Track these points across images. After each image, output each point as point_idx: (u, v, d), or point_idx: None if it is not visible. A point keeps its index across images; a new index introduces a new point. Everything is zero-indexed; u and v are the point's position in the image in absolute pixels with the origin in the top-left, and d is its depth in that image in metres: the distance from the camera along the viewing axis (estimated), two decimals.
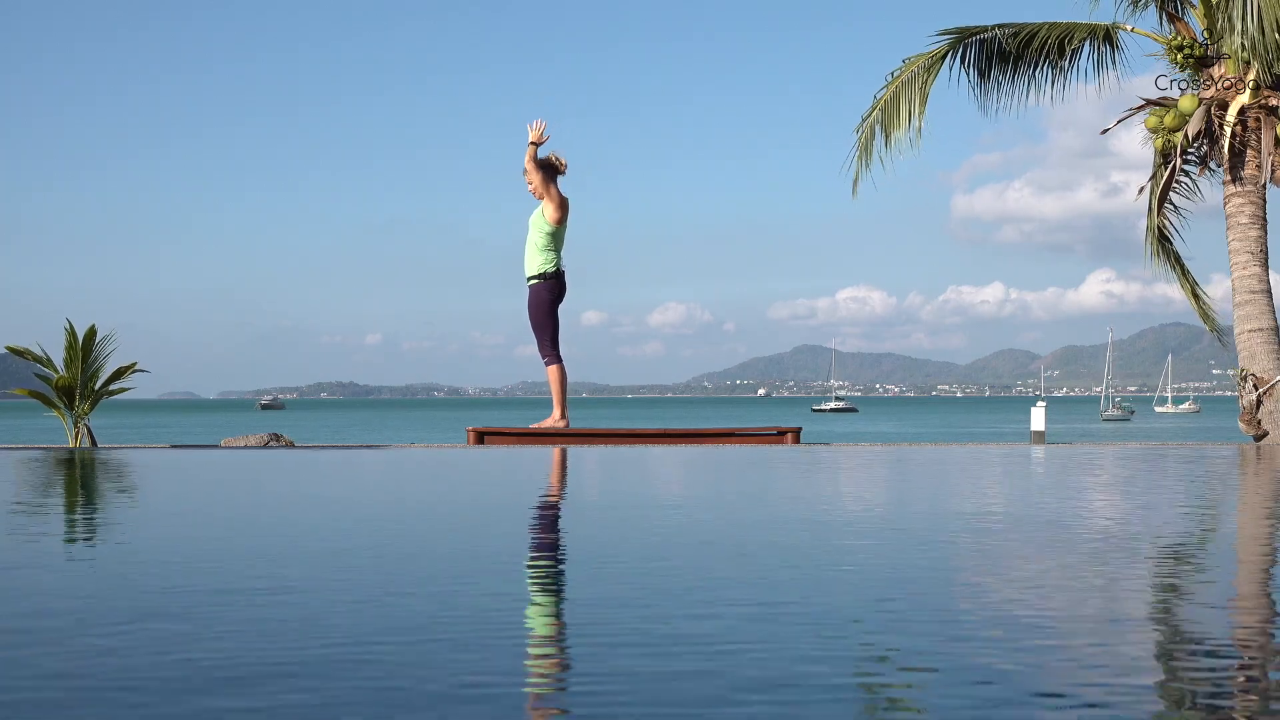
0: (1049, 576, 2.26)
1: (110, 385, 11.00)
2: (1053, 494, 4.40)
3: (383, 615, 1.80)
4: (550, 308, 9.04)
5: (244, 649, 1.56)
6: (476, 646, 1.59)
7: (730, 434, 9.36)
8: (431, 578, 2.23)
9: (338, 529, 3.12)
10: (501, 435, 8.98)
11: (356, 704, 1.28)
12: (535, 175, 8.88)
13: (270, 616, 1.77)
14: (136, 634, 1.66)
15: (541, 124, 8.86)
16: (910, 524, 3.29)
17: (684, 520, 3.33)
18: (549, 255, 8.99)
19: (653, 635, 1.66)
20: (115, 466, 5.72)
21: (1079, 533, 3.01)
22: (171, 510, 3.87)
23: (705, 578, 2.20)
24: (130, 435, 51.90)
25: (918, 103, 11.76)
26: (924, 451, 7.04)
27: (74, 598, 2.01)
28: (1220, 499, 4.36)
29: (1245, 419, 11.03)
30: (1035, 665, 1.49)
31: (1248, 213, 11.14)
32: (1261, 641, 1.69)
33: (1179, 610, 1.98)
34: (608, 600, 1.96)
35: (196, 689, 1.34)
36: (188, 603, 1.92)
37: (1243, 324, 11.18)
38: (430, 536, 2.97)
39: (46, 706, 1.28)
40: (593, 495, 4.56)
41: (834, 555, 2.54)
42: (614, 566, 2.39)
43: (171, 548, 2.70)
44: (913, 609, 1.90)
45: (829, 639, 1.64)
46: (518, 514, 3.67)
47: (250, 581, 2.15)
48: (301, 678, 1.40)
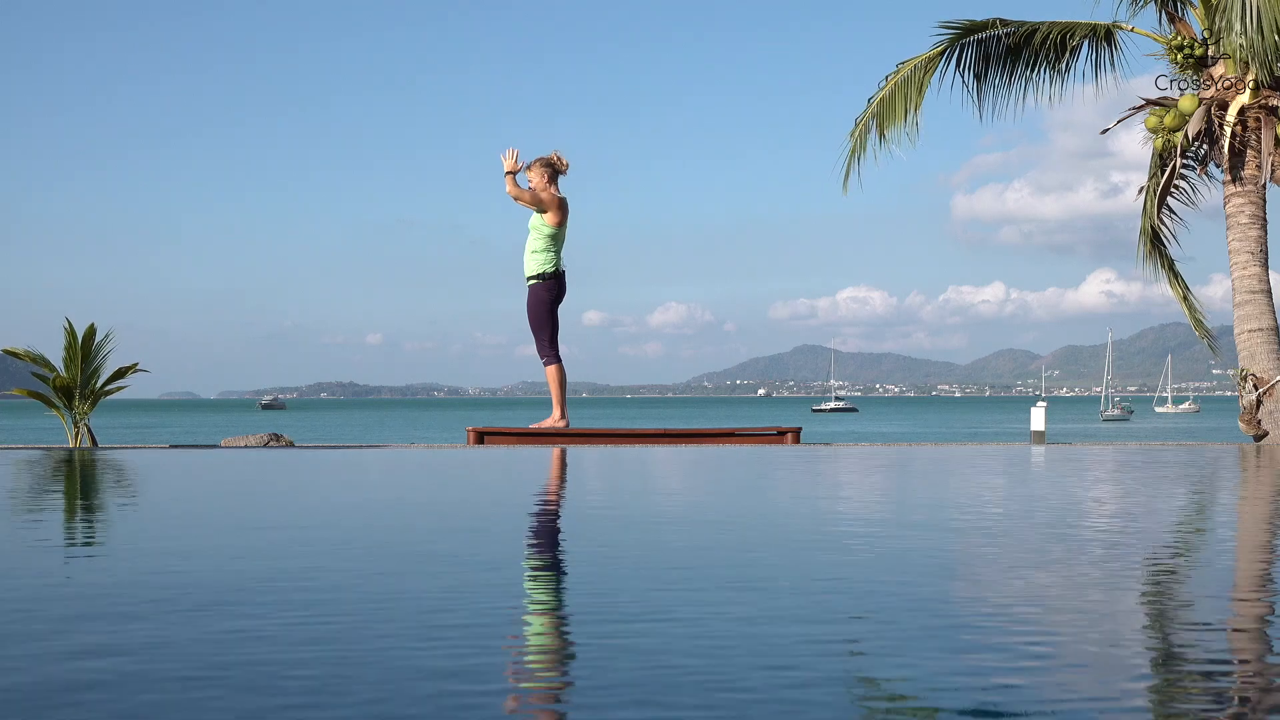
0: (1049, 575, 2.27)
1: (109, 385, 10.99)
2: (1053, 494, 4.40)
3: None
4: (550, 308, 9.05)
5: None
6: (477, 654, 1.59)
7: (730, 434, 9.37)
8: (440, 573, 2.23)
9: (367, 536, 3.12)
10: (501, 435, 8.99)
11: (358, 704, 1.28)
12: (524, 196, 8.93)
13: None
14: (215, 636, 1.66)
15: (514, 151, 8.95)
16: (914, 525, 3.29)
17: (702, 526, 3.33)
18: (548, 256, 9.00)
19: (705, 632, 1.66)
20: (119, 467, 5.72)
21: (1081, 533, 3.01)
22: (192, 512, 3.87)
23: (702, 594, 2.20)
24: (130, 435, 51.91)
25: (914, 99, 11.76)
26: (925, 452, 7.04)
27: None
28: (1221, 499, 4.36)
29: (1245, 419, 11.03)
30: (1037, 667, 1.49)
31: (1248, 213, 11.13)
32: (1261, 638, 1.69)
33: (1179, 611, 1.98)
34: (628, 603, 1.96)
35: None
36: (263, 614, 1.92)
37: (1243, 324, 11.18)
38: (433, 537, 2.97)
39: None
40: (597, 497, 4.56)
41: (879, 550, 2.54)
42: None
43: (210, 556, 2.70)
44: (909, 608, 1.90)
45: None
46: (528, 518, 3.67)
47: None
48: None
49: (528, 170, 9.10)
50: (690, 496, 4.41)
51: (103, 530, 3.15)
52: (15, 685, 1.37)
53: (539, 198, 8.94)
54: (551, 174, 9.08)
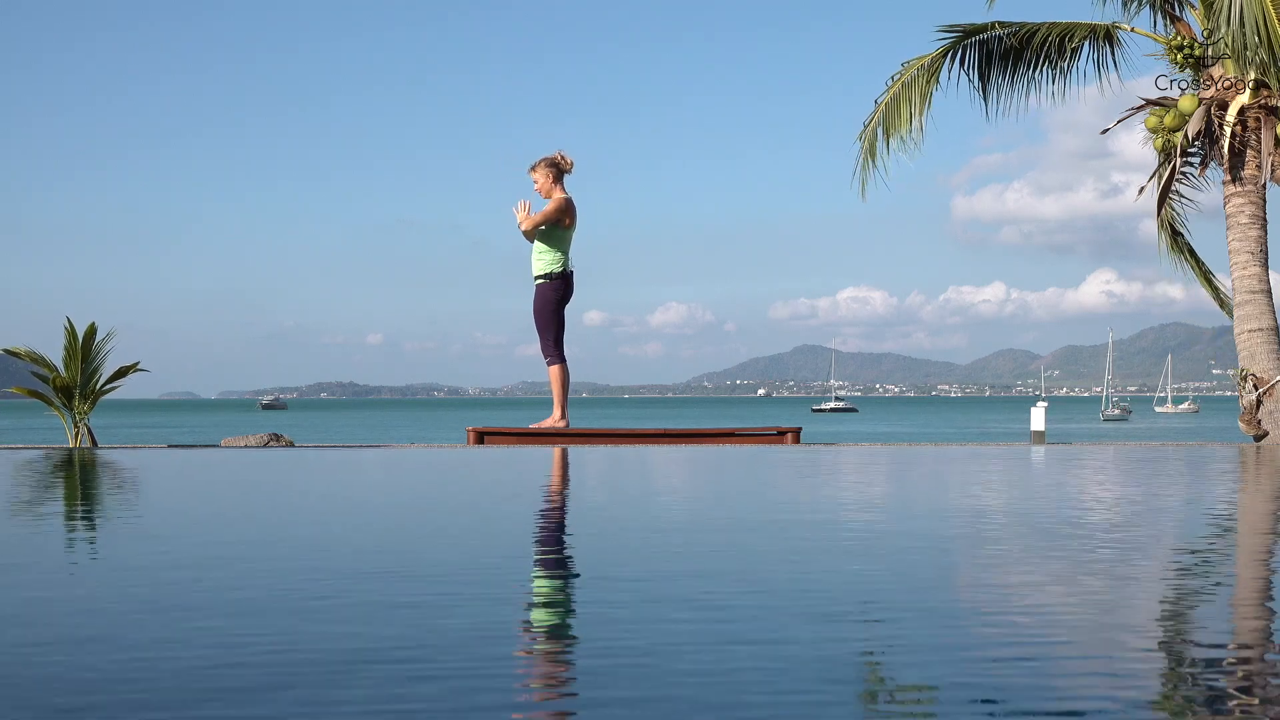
0: (1050, 576, 2.27)
1: (109, 384, 10.97)
2: (1055, 494, 4.40)
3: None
4: (555, 308, 9.03)
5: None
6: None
7: (730, 434, 9.37)
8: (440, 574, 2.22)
9: (374, 540, 3.12)
10: (501, 435, 8.98)
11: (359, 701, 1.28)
12: (539, 224, 8.90)
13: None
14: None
15: (526, 204, 8.94)
16: (916, 525, 3.29)
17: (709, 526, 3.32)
18: (555, 255, 8.98)
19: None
20: (123, 467, 5.72)
21: (1082, 532, 3.01)
22: (210, 515, 3.87)
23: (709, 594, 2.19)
24: (130, 435, 51.88)
25: (918, 103, 11.76)
26: (926, 452, 7.04)
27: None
28: (1221, 499, 4.36)
29: (1245, 419, 11.03)
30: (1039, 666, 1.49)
31: (1248, 213, 11.13)
32: (1261, 641, 1.69)
33: (1178, 611, 1.98)
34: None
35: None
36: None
37: (1243, 324, 11.18)
38: (435, 537, 2.97)
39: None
40: (604, 499, 4.56)
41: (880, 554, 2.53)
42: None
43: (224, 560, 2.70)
44: (910, 607, 1.90)
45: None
46: (532, 524, 3.67)
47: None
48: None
49: (532, 172, 9.08)
50: (691, 496, 4.41)
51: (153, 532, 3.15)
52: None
53: (548, 216, 8.89)
54: (557, 174, 9.07)
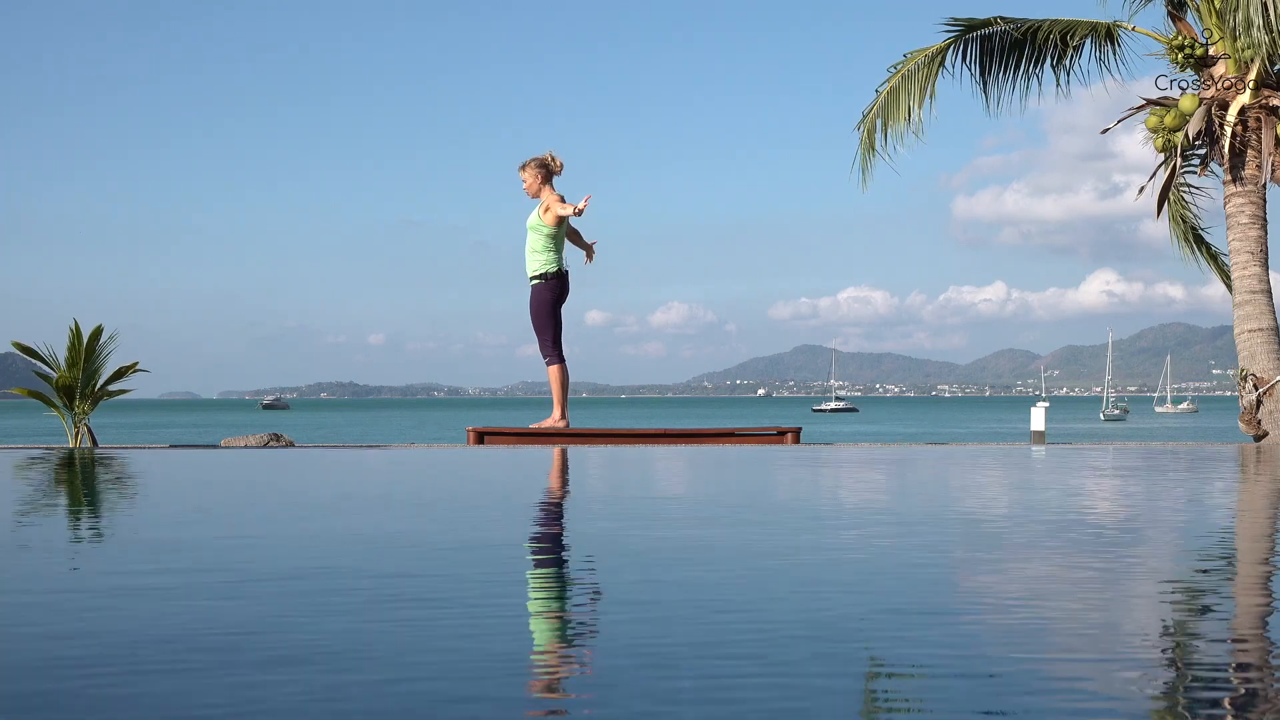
0: (1050, 576, 2.27)
1: (110, 385, 10.98)
2: (1055, 494, 4.40)
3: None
4: (551, 308, 9.03)
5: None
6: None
7: (730, 434, 9.37)
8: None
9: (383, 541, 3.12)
10: (502, 435, 8.98)
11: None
12: (560, 209, 8.83)
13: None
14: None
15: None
16: (915, 525, 3.29)
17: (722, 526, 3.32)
18: (550, 255, 8.99)
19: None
20: (126, 467, 5.72)
21: (1084, 532, 3.01)
22: (215, 515, 3.88)
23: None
24: (131, 435, 51.89)
25: (918, 96, 11.76)
26: (926, 451, 7.04)
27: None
28: (1221, 499, 4.36)
29: (1245, 419, 11.03)
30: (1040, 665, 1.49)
31: (1248, 213, 11.13)
32: (1259, 639, 1.69)
33: (1178, 611, 1.98)
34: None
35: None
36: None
37: (1243, 324, 11.18)
38: (436, 537, 2.97)
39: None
40: (598, 497, 4.56)
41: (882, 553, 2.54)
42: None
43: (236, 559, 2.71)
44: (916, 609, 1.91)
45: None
46: (533, 520, 3.67)
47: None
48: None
49: (521, 171, 9.08)
50: (692, 497, 4.41)
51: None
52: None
53: (566, 211, 8.85)
54: (546, 174, 9.05)
